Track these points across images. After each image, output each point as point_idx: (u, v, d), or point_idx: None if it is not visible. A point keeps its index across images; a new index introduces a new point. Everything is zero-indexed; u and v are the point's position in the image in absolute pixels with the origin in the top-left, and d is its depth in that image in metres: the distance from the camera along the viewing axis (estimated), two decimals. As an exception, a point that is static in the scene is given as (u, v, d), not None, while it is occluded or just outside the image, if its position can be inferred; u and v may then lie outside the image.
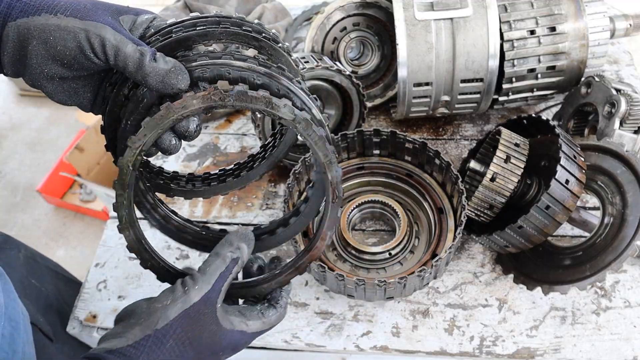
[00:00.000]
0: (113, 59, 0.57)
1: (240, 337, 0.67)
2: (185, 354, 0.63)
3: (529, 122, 1.07)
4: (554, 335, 1.00)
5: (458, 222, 1.00)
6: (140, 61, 0.56)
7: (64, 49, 0.56)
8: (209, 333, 0.64)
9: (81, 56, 0.57)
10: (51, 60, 0.58)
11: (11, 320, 0.98)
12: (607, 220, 0.95)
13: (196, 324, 0.63)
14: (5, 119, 3.41)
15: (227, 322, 0.66)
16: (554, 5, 1.11)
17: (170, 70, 0.58)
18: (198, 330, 0.63)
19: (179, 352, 0.62)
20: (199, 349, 0.64)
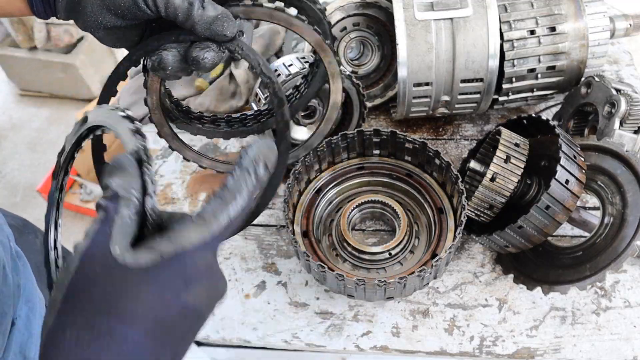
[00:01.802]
0: (164, 10, 0.60)
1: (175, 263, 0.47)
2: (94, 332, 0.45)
3: (529, 122, 1.07)
4: (554, 335, 1.00)
5: (458, 222, 1.00)
6: (189, 10, 0.59)
7: (119, 0, 0.59)
8: (112, 287, 0.46)
9: (134, 7, 0.60)
10: (105, 9, 0.61)
11: (28, 302, 0.99)
12: (607, 220, 0.95)
13: (87, 292, 0.45)
14: (5, 119, 3.41)
15: (142, 257, 0.46)
16: (554, 5, 1.11)
17: (217, 17, 0.61)
18: (93, 297, 0.45)
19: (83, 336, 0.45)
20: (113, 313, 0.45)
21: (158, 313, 0.46)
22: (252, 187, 0.49)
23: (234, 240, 1.18)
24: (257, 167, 0.50)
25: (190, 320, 0.49)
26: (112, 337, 0.44)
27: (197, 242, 0.47)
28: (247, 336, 1.05)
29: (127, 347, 0.44)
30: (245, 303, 1.09)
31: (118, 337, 0.44)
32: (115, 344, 0.44)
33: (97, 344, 0.44)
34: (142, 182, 0.50)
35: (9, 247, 1.00)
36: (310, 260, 0.95)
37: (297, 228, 1.07)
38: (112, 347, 0.44)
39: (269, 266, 1.14)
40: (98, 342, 0.44)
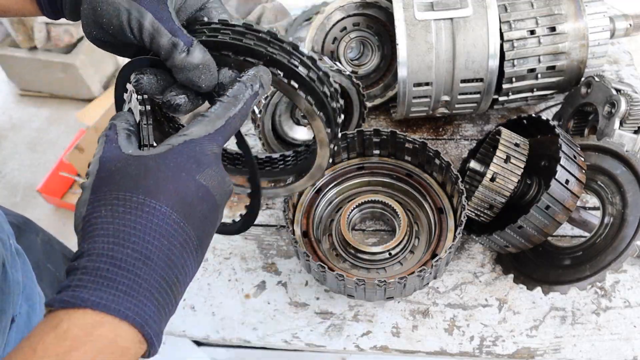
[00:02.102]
0: (148, 44, 0.59)
1: (185, 148, 0.54)
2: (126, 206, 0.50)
3: (529, 122, 1.07)
4: (554, 335, 1.00)
5: (458, 222, 1.00)
6: (171, 52, 0.59)
7: (108, 22, 0.59)
8: (134, 171, 0.52)
9: (121, 33, 0.60)
10: (98, 26, 0.61)
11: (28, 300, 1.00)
12: (607, 220, 0.95)
13: (112, 180, 0.52)
14: (5, 119, 3.41)
15: (155, 150, 0.54)
16: (554, 5, 1.11)
17: (197, 67, 0.59)
18: (120, 182, 0.51)
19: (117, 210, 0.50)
20: (140, 189, 0.51)
21: (178, 188, 0.52)
22: (249, 96, 0.58)
23: (233, 241, 1.18)
24: (254, 83, 0.59)
25: (208, 203, 0.54)
26: (142, 209, 0.50)
27: (203, 134, 0.55)
28: (247, 336, 1.05)
29: (157, 218, 0.50)
30: (245, 303, 1.09)
31: (148, 209, 0.50)
32: (146, 215, 0.50)
33: (131, 215, 0.49)
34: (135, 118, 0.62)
35: (9, 245, 1.00)
36: (310, 260, 0.95)
37: (297, 228, 1.07)
38: (144, 217, 0.49)
39: (269, 266, 1.14)
40: (131, 214, 0.49)
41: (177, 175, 0.52)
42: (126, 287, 0.47)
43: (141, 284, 0.48)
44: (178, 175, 0.52)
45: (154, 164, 0.52)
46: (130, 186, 0.51)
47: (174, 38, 0.58)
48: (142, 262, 0.48)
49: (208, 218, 0.55)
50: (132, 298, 0.47)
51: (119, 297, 0.46)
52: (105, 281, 0.46)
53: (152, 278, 0.48)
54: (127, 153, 0.54)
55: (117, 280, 0.47)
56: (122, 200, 0.50)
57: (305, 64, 0.66)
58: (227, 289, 1.11)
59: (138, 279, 0.48)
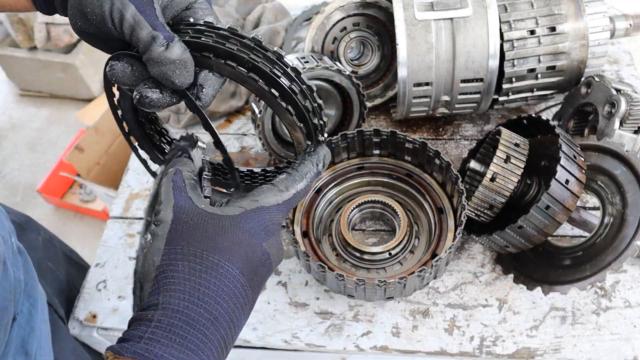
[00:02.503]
0: (128, 36, 0.59)
1: (255, 215, 0.58)
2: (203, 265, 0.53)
3: (529, 122, 1.06)
4: (554, 335, 1.00)
5: (458, 222, 1.00)
6: (149, 45, 0.58)
7: (92, 12, 0.59)
8: (212, 230, 0.55)
9: (103, 23, 0.59)
10: (82, 16, 0.61)
11: (30, 298, 1.00)
12: (607, 220, 0.95)
13: (189, 234, 0.54)
14: (5, 119, 3.41)
15: (229, 210, 0.57)
16: (554, 5, 1.11)
17: (173, 62, 0.58)
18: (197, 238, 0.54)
19: (195, 267, 0.52)
20: (217, 250, 0.54)
21: (248, 254, 0.55)
22: (314, 175, 0.64)
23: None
24: (319, 162, 0.66)
25: (267, 268, 0.58)
26: (217, 270, 0.53)
27: (274, 203, 0.59)
28: (247, 336, 1.05)
29: (228, 280, 0.53)
30: (245, 303, 1.09)
31: (222, 271, 0.53)
32: (220, 276, 0.53)
33: (207, 275, 0.52)
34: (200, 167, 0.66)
35: (10, 243, 1.00)
36: (310, 260, 0.94)
37: (297, 228, 1.07)
38: (219, 279, 0.52)
39: (269, 266, 1.14)
40: (208, 273, 0.52)
41: (249, 240, 0.56)
42: (195, 347, 0.49)
43: (207, 344, 0.50)
44: (249, 240, 0.56)
45: (229, 225, 0.55)
46: (208, 245, 0.54)
47: (154, 32, 0.57)
48: (210, 323, 0.51)
49: (264, 281, 0.59)
50: (198, 357, 0.49)
51: (188, 356, 0.48)
52: (178, 338, 0.49)
53: (215, 338, 0.51)
54: (201, 208, 0.56)
55: (188, 338, 0.49)
56: (199, 258, 0.53)
57: (288, 75, 0.65)
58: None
59: (205, 338, 0.50)
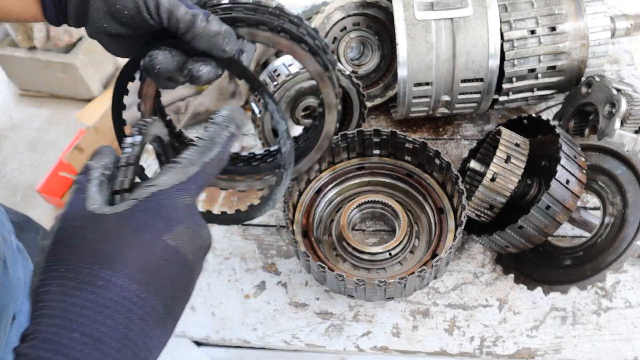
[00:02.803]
0: (166, 21, 0.60)
1: (151, 203, 0.48)
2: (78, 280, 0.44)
3: (529, 122, 1.06)
4: (554, 335, 1.00)
5: (458, 222, 1.00)
6: (192, 22, 0.59)
7: (122, 8, 0.59)
8: (91, 235, 0.46)
9: (138, 16, 0.60)
10: (110, 17, 0.61)
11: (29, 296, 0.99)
12: (607, 221, 0.95)
13: (67, 245, 0.46)
14: (5, 119, 3.40)
15: (120, 206, 0.48)
16: (555, 4, 1.10)
17: (219, 33, 0.60)
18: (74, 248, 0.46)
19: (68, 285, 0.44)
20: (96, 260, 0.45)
21: (141, 255, 0.46)
22: (225, 139, 0.54)
23: (234, 241, 1.18)
24: (229, 124, 0.55)
25: (176, 265, 0.48)
26: (94, 284, 0.43)
27: (173, 183, 0.49)
28: (247, 336, 1.05)
29: (111, 292, 0.44)
30: (245, 303, 1.09)
31: (101, 282, 0.43)
32: (99, 290, 0.43)
33: (81, 291, 0.43)
34: (118, 158, 0.53)
35: (10, 241, 1.00)
36: (310, 260, 0.94)
37: (297, 228, 1.06)
38: (96, 293, 0.43)
39: (269, 266, 1.14)
40: (82, 289, 0.43)
41: (140, 238, 0.46)
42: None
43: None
44: (140, 238, 0.46)
45: (114, 226, 0.46)
46: (86, 255, 0.45)
47: (193, 10, 0.59)
48: (91, 347, 0.42)
49: (178, 281, 0.49)
50: None
51: None
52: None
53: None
54: (90, 210, 0.47)
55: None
56: (73, 273, 0.44)
57: (310, 34, 0.73)
58: (227, 289, 1.11)
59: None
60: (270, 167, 0.93)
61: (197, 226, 0.50)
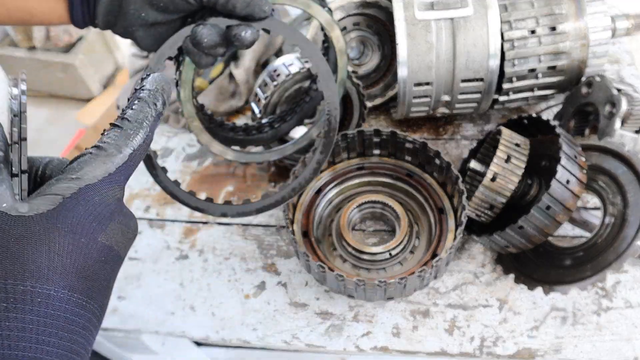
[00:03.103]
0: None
1: (80, 200, 0.41)
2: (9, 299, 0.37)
3: (529, 122, 1.06)
4: (554, 335, 1.00)
5: (458, 222, 1.00)
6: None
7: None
8: (15, 245, 0.38)
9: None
10: (148, 5, 0.63)
11: None
12: (608, 221, 0.95)
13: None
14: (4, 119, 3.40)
15: (41, 204, 0.40)
16: (555, 4, 1.10)
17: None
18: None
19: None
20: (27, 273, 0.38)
21: (77, 262, 0.41)
22: (153, 119, 0.47)
23: (233, 241, 1.18)
24: (156, 100, 0.47)
25: (111, 264, 0.44)
26: (32, 302, 0.38)
27: (102, 176, 0.42)
28: (246, 336, 1.04)
29: (54, 308, 0.39)
30: (245, 303, 1.09)
31: (40, 299, 0.38)
32: (38, 307, 0.38)
33: (17, 312, 0.37)
34: (5, 135, 0.45)
35: None
36: (310, 260, 0.94)
37: (297, 228, 1.06)
38: (36, 312, 0.38)
39: (268, 266, 1.14)
40: (18, 310, 0.37)
41: (74, 242, 0.41)
42: None
43: None
44: (76, 242, 0.41)
45: (41, 230, 0.39)
46: (13, 269, 0.38)
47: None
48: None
49: (111, 278, 0.45)
50: None
51: None
52: None
53: None
54: (3, 209, 0.39)
55: None
56: (2, 292, 0.37)
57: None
58: (227, 289, 1.11)
59: None
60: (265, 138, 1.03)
61: (127, 219, 0.46)
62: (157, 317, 1.08)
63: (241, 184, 1.29)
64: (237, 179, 1.30)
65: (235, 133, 1.03)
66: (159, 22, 0.65)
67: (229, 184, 1.29)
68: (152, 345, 1.12)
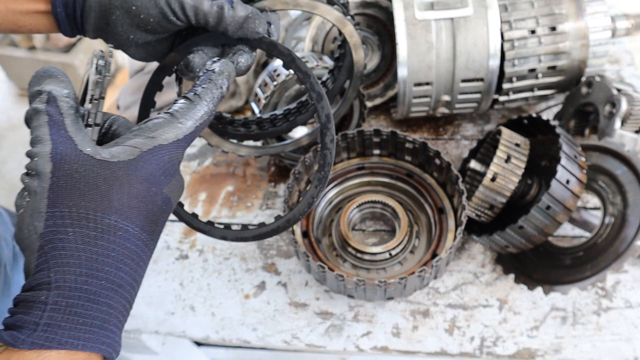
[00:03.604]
0: (194, 18, 0.60)
1: (154, 156, 0.49)
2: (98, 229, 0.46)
3: (529, 122, 1.06)
4: (554, 335, 1.00)
5: (458, 222, 1.00)
6: (220, 13, 0.59)
7: (147, 17, 0.59)
8: (103, 184, 0.46)
9: (164, 21, 0.60)
10: (135, 27, 0.61)
11: None
12: (607, 221, 0.95)
13: (75, 191, 0.45)
14: (4, 119, 3.40)
15: (121, 153, 0.48)
16: (555, 4, 1.10)
17: (248, 17, 0.61)
18: (85, 195, 0.45)
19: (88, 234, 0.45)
20: (112, 209, 0.46)
21: (148, 206, 0.49)
22: (217, 97, 0.54)
23: (233, 241, 1.18)
24: (223, 84, 0.55)
25: (167, 213, 0.52)
26: (115, 234, 0.46)
27: (173, 139, 0.50)
28: (246, 336, 1.04)
29: (129, 242, 0.47)
30: (245, 303, 1.09)
31: (121, 233, 0.46)
32: (119, 240, 0.46)
33: (104, 241, 0.45)
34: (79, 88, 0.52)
35: (12, 246, 1.00)
36: (310, 260, 0.94)
37: (297, 228, 1.06)
38: (118, 243, 0.46)
39: (268, 266, 1.14)
40: (104, 239, 0.45)
41: (148, 190, 0.48)
42: (100, 321, 0.45)
43: (111, 313, 0.46)
44: (148, 190, 0.48)
45: (123, 174, 0.47)
46: (101, 203, 0.46)
47: (216, 1, 0.60)
48: (113, 292, 0.46)
49: (164, 224, 0.53)
50: (106, 331, 0.45)
51: (95, 333, 0.44)
52: (81, 318, 0.44)
53: (120, 304, 0.47)
54: (87, 152, 0.47)
55: (92, 315, 0.44)
56: (92, 222, 0.45)
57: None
58: (227, 289, 1.11)
59: (110, 309, 0.46)
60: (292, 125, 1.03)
61: (181, 177, 0.54)
62: (157, 317, 1.08)
63: (241, 184, 1.29)
64: (237, 178, 1.30)
65: (247, 129, 1.03)
66: (148, 42, 0.64)
67: (229, 184, 1.29)
68: (152, 345, 1.12)
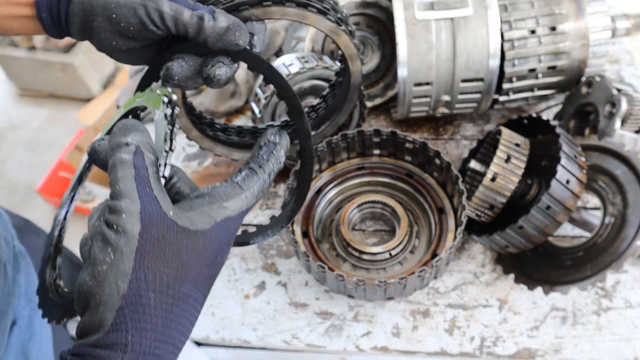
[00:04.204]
0: (174, 28, 0.59)
1: (224, 227, 0.53)
2: (175, 297, 0.49)
3: (529, 122, 1.06)
4: (554, 335, 1.00)
5: (458, 222, 1.00)
6: (199, 25, 0.59)
7: (127, 25, 0.59)
8: (184, 253, 0.49)
9: (144, 30, 0.60)
10: (117, 34, 0.61)
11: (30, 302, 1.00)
12: (607, 221, 0.95)
13: (161, 256, 0.48)
14: (4, 119, 3.40)
15: (199, 221, 0.51)
16: (555, 4, 1.10)
17: (228, 28, 0.60)
18: (169, 262, 0.48)
19: (167, 301, 0.49)
20: (188, 278, 0.50)
21: (213, 274, 0.53)
22: (277, 170, 0.58)
23: (233, 241, 1.18)
24: (281, 158, 0.59)
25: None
26: (187, 302, 0.50)
27: (239, 211, 0.54)
28: (246, 336, 1.04)
29: (195, 309, 0.51)
30: (245, 303, 1.09)
31: (192, 301, 0.50)
32: (189, 307, 0.50)
33: (178, 308, 0.49)
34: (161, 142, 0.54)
35: (12, 246, 1.00)
36: (310, 260, 0.94)
37: (297, 228, 1.06)
38: (188, 311, 0.50)
39: (268, 266, 1.13)
40: (179, 306, 0.49)
41: (215, 259, 0.53)
42: None
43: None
44: (216, 259, 0.53)
45: (201, 245, 0.51)
46: (181, 271, 0.49)
47: (197, 11, 0.59)
48: (174, 355, 0.50)
49: None
50: None
51: None
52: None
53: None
54: (170, 217, 0.49)
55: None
56: (171, 289, 0.48)
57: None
58: (227, 289, 1.11)
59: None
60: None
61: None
62: (157, 317, 1.08)
63: (241, 184, 1.29)
64: (237, 179, 1.30)
65: (240, 137, 0.99)
66: (132, 48, 0.63)
67: (229, 184, 1.29)
68: (152, 345, 1.12)
